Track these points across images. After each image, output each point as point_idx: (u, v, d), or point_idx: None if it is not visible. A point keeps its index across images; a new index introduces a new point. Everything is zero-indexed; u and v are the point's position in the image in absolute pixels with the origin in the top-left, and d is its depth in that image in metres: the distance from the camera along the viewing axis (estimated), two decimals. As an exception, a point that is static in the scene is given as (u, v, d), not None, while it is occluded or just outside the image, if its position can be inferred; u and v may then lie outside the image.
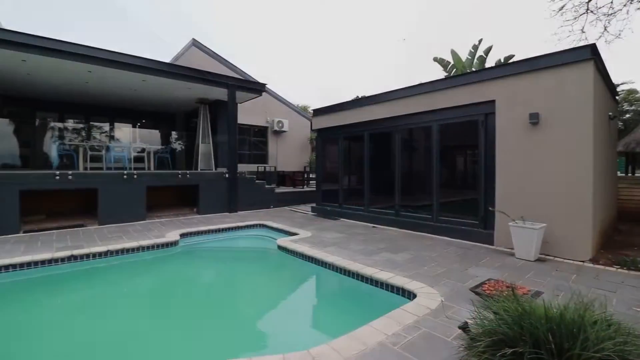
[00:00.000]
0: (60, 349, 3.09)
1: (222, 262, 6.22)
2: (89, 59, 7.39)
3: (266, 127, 15.05)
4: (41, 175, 6.80)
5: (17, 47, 6.63)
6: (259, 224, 7.60)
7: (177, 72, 8.92)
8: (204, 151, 10.80)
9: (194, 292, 4.81)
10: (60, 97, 10.68)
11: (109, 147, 9.65)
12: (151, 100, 11.34)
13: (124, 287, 4.75)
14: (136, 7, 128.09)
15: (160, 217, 8.24)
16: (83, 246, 5.24)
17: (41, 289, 4.38)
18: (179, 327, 3.54)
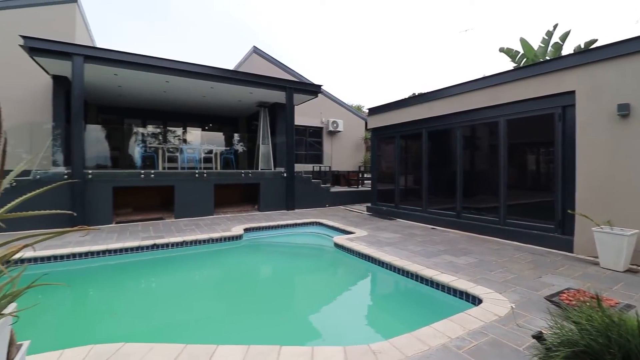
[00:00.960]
0: (140, 322, 3.56)
1: (281, 256, 6.53)
2: (167, 70, 8.30)
3: (321, 128, 15.34)
4: (129, 174, 7.82)
5: (111, 63, 7.72)
6: (315, 222, 7.81)
7: (240, 78, 9.57)
8: (264, 152, 11.41)
9: (256, 282, 5.16)
10: (143, 105, 12.13)
11: (182, 149, 10.69)
12: (217, 106, 12.31)
13: (195, 274, 5.27)
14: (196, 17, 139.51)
15: (226, 212, 8.93)
16: (163, 237, 5.93)
17: (129, 272, 5.07)
18: (241, 313, 3.83)
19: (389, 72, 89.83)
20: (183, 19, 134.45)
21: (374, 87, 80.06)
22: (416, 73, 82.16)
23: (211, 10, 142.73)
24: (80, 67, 7.18)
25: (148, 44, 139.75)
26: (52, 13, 9.78)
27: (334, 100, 15.69)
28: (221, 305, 4.18)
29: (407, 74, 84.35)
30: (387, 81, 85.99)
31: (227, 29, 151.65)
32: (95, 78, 8.47)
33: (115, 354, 2.30)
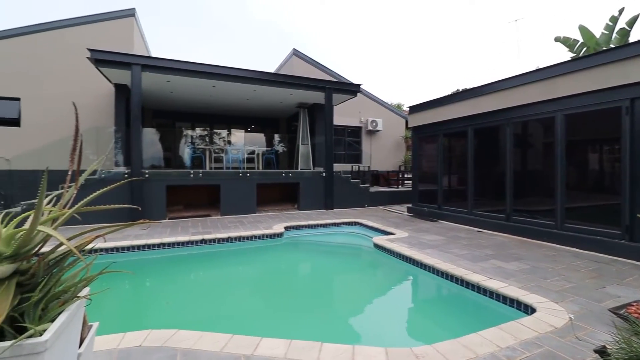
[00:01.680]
0: (189, 311, 3.80)
1: (321, 255, 6.61)
2: (214, 75, 8.77)
3: (360, 127, 15.23)
4: (180, 174, 8.39)
5: (164, 71, 8.33)
6: (354, 222, 7.79)
7: (281, 81, 9.82)
8: (303, 152, 11.60)
9: (296, 280, 5.28)
10: (192, 109, 12.92)
11: (227, 150, 11.23)
12: (260, 108, 12.73)
13: (239, 269, 5.52)
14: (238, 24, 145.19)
15: (267, 211, 9.23)
16: (210, 232, 6.29)
17: (180, 264, 5.44)
18: (281, 308, 3.94)
19: (430, 68, 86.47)
20: (225, 26, 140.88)
21: (414, 84, 77.68)
22: (459, 69, 78.15)
23: (252, 17, 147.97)
24: (139, 76, 7.84)
25: (194, 50, 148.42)
26: (114, 27, 10.78)
27: (373, 99, 15.50)
28: (262, 300, 4.33)
29: (450, 70, 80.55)
30: (429, 78, 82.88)
31: (267, 33, 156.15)
32: (150, 85, 9.19)
33: (170, 339, 2.49)
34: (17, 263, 1.29)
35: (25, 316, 1.28)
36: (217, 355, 2.28)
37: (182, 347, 2.37)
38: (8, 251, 1.28)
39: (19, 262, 1.30)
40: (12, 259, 1.30)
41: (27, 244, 1.31)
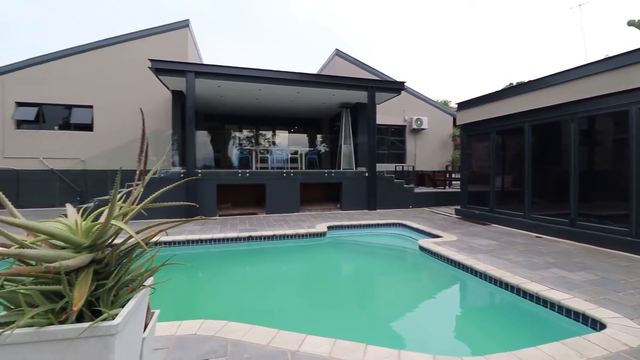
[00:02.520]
0: (236, 304, 3.98)
1: (364, 256, 6.55)
2: (260, 79, 9.10)
3: (404, 126, 14.83)
4: (229, 173, 8.83)
5: (215, 77, 8.82)
6: (398, 223, 7.60)
7: (324, 81, 9.89)
8: (346, 152, 11.58)
9: (338, 279, 5.28)
10: (239, 112, 13.54)
11: (272, 151, 11.59)
12: (303, 109, 12.96)
13: (283, 266, 5.67)
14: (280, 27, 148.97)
15: (310, 210, 9.36)
16: (256, 230, 6.54)
17: (229, 259, 5.73)
18: (324, 307, 3.97)
19: (479, 63, 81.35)
20: (269, 30, 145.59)
21: (462, 80, 73.70)
22: (512, 62, 72.51)
23: (295, 20, 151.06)
24: (193, 82, 8.40)
25: (240, 55, 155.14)
26: (171, 38, 11.66)
27: (417, 96, 15.00)
28: (305, 298, 4.40)
29: (501, 63, 75.07)
30: (477, 73, 78.05)
31: (310, 36, 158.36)
32: (203, 90, 9.79)
33: (221, 330, 2.63)
34: (93, 253, 1.45)
35: (100, 301, 1.43)
36: (264, 349, 2.37)
37: (232, 338, 2.50)
38: (86, 242, 1.45)
39: (95, 252, 1.47)
40: (90, 249, 1.47)
41: (102, 236, 1.47)
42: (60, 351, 1.29)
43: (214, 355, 2.29)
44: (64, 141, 10.54)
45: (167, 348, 2.39)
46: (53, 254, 1.30)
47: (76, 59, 10.78)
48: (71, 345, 1.28)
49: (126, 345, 1.45)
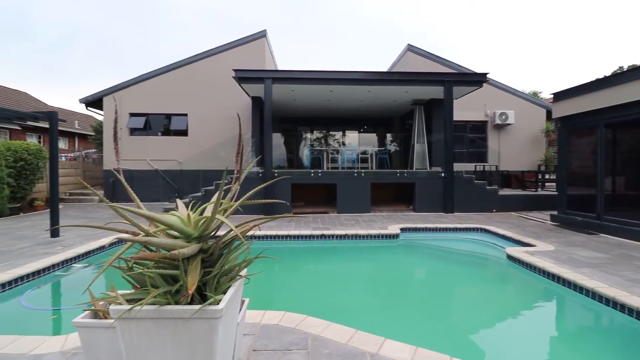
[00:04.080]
0: (310, 297, 4.07)
1: (440, 261, 6.17)
2: (331, 80, 9.26)
3: (485, 122, 13.56)
4: (302, 173, 9.18)
5: (290, 81, 9.26)
6: (479, 228, 6.97)
7: (396, 79, 9.62)
8: (419, 151, 11.07)
9: (412, 284, 5.07)
10: (310, 114, 13.97)
11: (342, 151, 11.70)
12: (373, 108, 12.79)
13: (355, 266, 5.66)
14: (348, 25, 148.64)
15: (381, 211, 9.18)
16: (329, 228, 6.66)
17: (303, 255, 5.94)
18: (396, 311, 3.82)
19: (573, 48, 69.94)
20: (338, 30, 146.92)
21: (554, 68, 64.35)
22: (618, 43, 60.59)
23: (364, 17, 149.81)
24: (270, 88, 8.95)
25: (310, 58, 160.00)
26: (250, 48, 12.59)
27: (502, 88, 13.55)
28: (378, 300, 4.31)
29: (605, 46, 63.37)
30: (572, 60, 67.24)
31: (380, 32, 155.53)
32: (278, 95, 10.36)
33: (301, 323, 2.73)
34: (201, 243, 1.63)
35: (207, 287, 1.60)
36: (343, 347, 2.38)
37: (312, 333, 2.57)
38: (195, 233, 1.63)
39: (202, 243, 1.64)
40: (198, 240, 1.65)
41: (208, 229, 1.64)
42: (175, 328, 1.48)
43: (295, 347, 2.39)
44: (165, 145, 12.21)
45: (253, 334, 2.57)
46: (172, 243, 1.50)
47: (173, 74, 12.39)
48: (185, 324, 1.46)
49: (226, 328, 1.60)
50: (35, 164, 9.79)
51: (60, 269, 4.52)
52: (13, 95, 19.46)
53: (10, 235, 6.16)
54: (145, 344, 1.48)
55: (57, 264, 4.50)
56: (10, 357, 2.29)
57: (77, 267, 4.72)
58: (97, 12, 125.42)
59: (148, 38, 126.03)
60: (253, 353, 2.31)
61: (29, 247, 5.28)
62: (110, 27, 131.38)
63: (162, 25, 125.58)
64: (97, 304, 1.78)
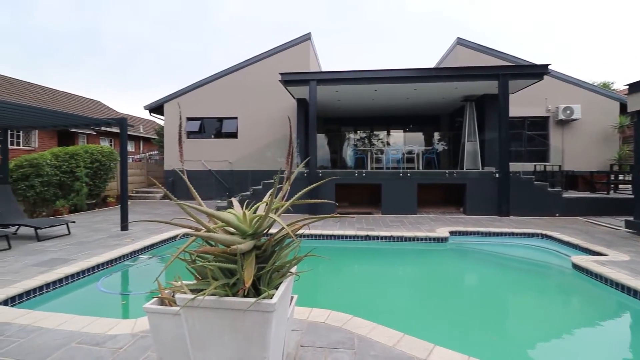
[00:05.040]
0: (354, 297, 4.05)
1: (495, 268, 5.78)
2: (376, 79, 9.14)
3: (546, 117, 12.41)
4: (346, 173, 9.19)
5: (334, 82, 9.31)
6: (540, 234, 6.42)
7: (445, 75, 9.21)
8: (470, 150, 10.48)
9: (462, 290, 4.81)
10: (354, 114, 13.92)
11: (387, 151, 11.50)
12: (419, 106, 12.38)
13: (400, 268, 5.53)
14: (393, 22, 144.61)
15: (428, 212, 8.86)
16: (373, 229, 6.59)
17: (347, 255, 5.93)
18: (445, 317, 3.65)
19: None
20: (383, 27, 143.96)
21: (628, 56, 56.79)
22: None
23: (409, 12, 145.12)
24: (314, 89, 9.09)
25: (355, 58, 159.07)
26: (295, 51, 12.89)
27: (565, 80, 12.30)
28: (425, 304, 4.17)
29: None
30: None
31: (427, 27, 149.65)
32: (322, 96, 10.47)
33: (347, 323, 2.75)
34: (255, 240, 1.73)
35: (261, 281, 1.69)
36: (390, 350, 2.35)
37: (358, 333, 2.58)
38: (250, 230, 1.73)
39: (256, 240, 1.74)
40: (252, 237, 1.74)
41: (261, 226, 1.73)
42: (232, 319, 1.58)
43: (342, 347, 2.41)
44: (217, 147, 12.99)
45: (300, 330, 2.64)
46: (230, 239, 1.61)
47: (224, 80, 13.14)
48: (241, 315, 1.55)
49: (278, 322, 1.67)
50: (108, 165, 10.99)
51: (128, 259, 5.04)
52: (89, 103, 22.03)
53: (88, 228, 7.00)
54: (206, 331, 1.60)
55: (127, 254, 5.02)
56: (90, 335, 2.62)
57: (143, 258, 5.22)
58: (158, 27, 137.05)
59: (201, 47, 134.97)
60: (301, 348, 2.38)
61: (103, 238, 5.96)
62: (168, 40, 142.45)
63: (214, 35, 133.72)
64: (163, 292, 1.97)
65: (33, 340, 2.53)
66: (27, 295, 3.55)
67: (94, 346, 2.45)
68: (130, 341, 2.51)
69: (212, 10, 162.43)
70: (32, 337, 2.57)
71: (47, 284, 3.77)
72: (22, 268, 4.24)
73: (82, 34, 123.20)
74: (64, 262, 4.46)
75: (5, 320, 2.85)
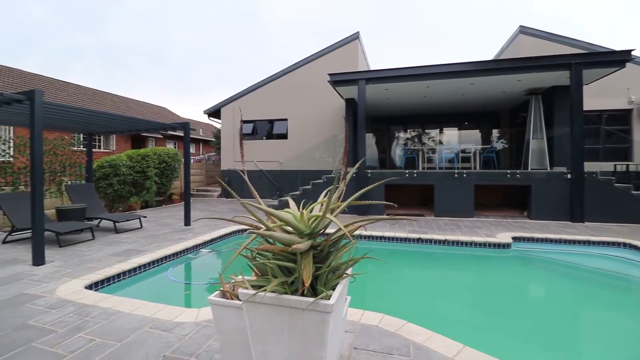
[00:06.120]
0: (405, 301, 3.89)
1: (565, 280, 5.19)
2: (428, 75, 8.75)
3: (629, 110, 10.87)
4: (396, 174, 8.93)
5: (384, 80, 9.11)
6: (622, 243, 5.63)
7: (506, 67, 8.49)
8: (535, 148, 9.56)
9: (528, 303, 4.39)
10: (404, 112, 13.50)
11: (439, 150, 10.97)
12: (476, 102, 11.61)
13: (456, 275, 5.21)
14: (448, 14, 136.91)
15: (487, 216, 8.25)
16: (426, 232, 6.32)
17: (398, 257, 5.76)
18: (508, 330, 3.35)
19: None
20: (434, 20, 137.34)
21: None
22: None
23: (460, 2, 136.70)
24: (363, 89, 8.99)
25: (406, 54, 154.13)
26: (344, 51, 12.88)
27: (656, 66, 10.63)
28: (483, 315, 3.88)
29: None
30: None
31: (485, 15, 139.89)
32: (371, 95, 10.31)
33: (401, 329, 2.66)
34: (311, 240, 1.74)
35: (318, 281, 1.70)
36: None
37: (414, 341, 2.48)
38: (307, 230, 1.75)
39: (312, 239, 1.75)
40: (309, 237, 1.76)
41: (318, 227, 1.74)
42: (291, 317, 1.61)
43: (397, 353, 2.33)
44: (269, 148, 13.49)
45: (353, 332, 2.62)
46: (289, 238, 1.64)
47: (275, 83, 13.60)
48: (300, 314, 1.58)
49: (335, 323, 1.67)
50: (173, 165, 12.01)
51: (191, 252, 5.44)
52: (156, 109, 24.29)
53: (156, 222, 7.70)
54: (267, 326, 1.66)
55: (190, 248, 5.43)
56: (160, 321, 2.86)
57: (203, 252, 5.60)
58: (213, 37, 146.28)
59: (253, 53, 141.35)
60: (354, 350, 2.35)
61: (169, 232, 6.51)
62: (223, 48, 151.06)
63: (264, 41, 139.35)
64: (224, 285, 2.08)
65: (113, 322, 2.84)
66: (107, 282, 4.01)
67: (163, 332, 2.68)
68: (194, 329, 2.70)
69: (262, 18, 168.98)
70: (112, 320, 2.89)
71: (123, 272, 4.22)
72: (103, 257, 4.80)
73: (147, 46, 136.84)
74: (137, 253, 4.95)
75: (90, 302, 3.25)
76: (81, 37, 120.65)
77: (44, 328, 2.73)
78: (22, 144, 8.37)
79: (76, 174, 9.33)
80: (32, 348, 2.43)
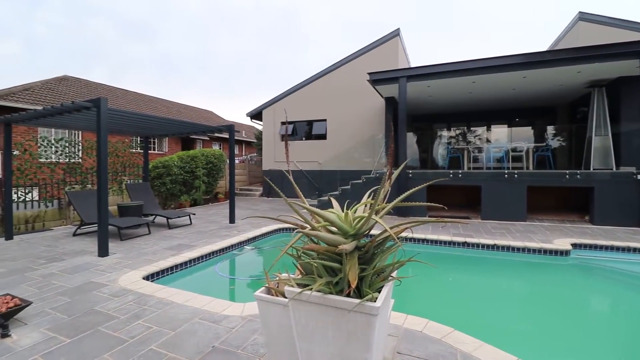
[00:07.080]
0: (452, 306, 3.70)
1: (634, 293, 4.64)
2: (474, 70, 8.30)
3: None
4: (438, 174, 8.60)
5: (425, 77, 8.80)
6: None
7: (564, 57, 7.78)
8: (599, 146, 8.66)
9: (589, 315, 3.98)
10: (448, 110, 12.93)
11: (487, 149, 10.35)
12: (529, 97, 10.79)
13: (506, 282, 4.88)
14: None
15: (542, 220, 7.63)
16: (472, 236, 6.00)
17: (441, 261, 5.52)
18: (565, 344, 3.05)
19: None
20: (483, 12, 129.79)
21: None
22: None
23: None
24: (404, 87, 8.76)
25: (450, 50, 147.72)
26: (384, 49, 12.65)
27: None
28: (538, 327, 3.58)
29: None
30: None
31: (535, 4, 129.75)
32: (412, 93, 10.02)
33: (447, 336, 2.56)
34: (356, 241, 1.74)
35: (363, 283, 1.69)
36: (501, 373, 2.10)
37: (462, 350, 2.37)
38: (352, 231, 1.75)
39: (357, 240, 1.75)
40: (353, 237, 1.76)
41: (363, 228, 1.73)
42: (335, 317, 1.62)
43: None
44: (308, 148, 13.67)
45: (396, 337, 2.57)
46: (334, 238, 1.65)
47: (314, 85, 13.73)
48: (344, 315, 1.58)
49: (380, 325, 1.65)
50: (219, 166, 12.64)
51: (235, 248, 5.69)
52: (203, 113, 25.70)
53: (204, 220, 8.15)
54: (312, 325, 1.68)
55: (235, 244, 5.68)
56: (210, 313, 3.02)
57: (247, 249, 5.83)
58: (256, 41, 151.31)
59: (294, 56, 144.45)
60: (398, 355, 2.31)
61: (216, 229, 6.86)
62: (264, 52, 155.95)
63: (305, 43, 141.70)
64: (270, 282, 2.14)
65: (167, 312, 3.06)
66: (162, 274, 4.32)
67: (213, 323, 2.83)
68: (240, 323, 2.82)
69: (302, 21, 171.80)
70: (166, 310, 3.11)
71: (175, 265, 4.52)
72: (158, 250, 5.18)
73: (195, 54, 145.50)
74: (188, 248, 5.28)
75: (148, 292, 3.52)
76: (137, 48, 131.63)
77: (108, 314, 3.01)
78: (89, 146, 9.32)
79: (134, 174, 10.20)
80: (99, 332, 2.69)
